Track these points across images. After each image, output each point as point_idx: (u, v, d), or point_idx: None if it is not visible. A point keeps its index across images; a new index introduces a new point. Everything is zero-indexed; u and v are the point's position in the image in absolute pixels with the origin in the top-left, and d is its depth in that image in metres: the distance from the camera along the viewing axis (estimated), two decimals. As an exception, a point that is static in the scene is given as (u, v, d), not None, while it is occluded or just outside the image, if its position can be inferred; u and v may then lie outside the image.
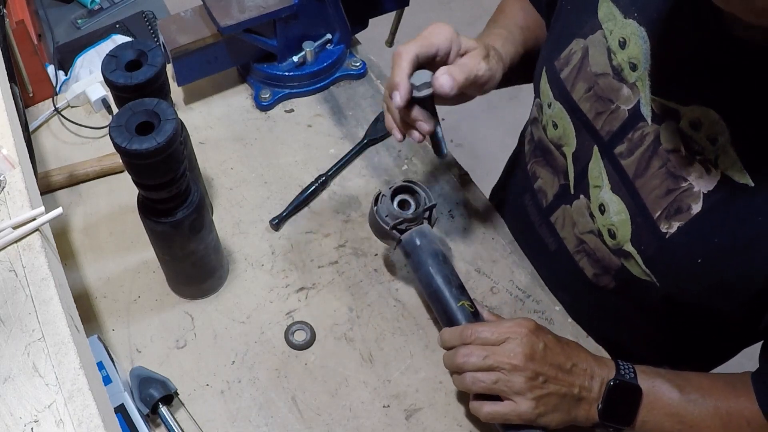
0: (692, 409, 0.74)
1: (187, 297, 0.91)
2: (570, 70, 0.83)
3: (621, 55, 0.76)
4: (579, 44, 0.81)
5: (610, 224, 0.80)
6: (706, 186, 0.69)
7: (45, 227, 0.68)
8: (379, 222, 0.85)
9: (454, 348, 0.78)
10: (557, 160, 0.89)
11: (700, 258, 0.71)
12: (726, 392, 0.74)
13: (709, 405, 0.73)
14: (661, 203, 0.73)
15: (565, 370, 0.74)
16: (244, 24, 1.01)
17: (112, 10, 1.41)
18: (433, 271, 0.82)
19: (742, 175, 0.66)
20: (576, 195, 0.86)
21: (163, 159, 0.69)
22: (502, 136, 1.76)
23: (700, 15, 0.67)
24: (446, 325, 0.82)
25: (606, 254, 0.83)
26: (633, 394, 0.74)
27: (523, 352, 0.73)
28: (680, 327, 0.86)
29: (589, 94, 0.80)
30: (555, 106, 0.85)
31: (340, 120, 1.10)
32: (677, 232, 0.72)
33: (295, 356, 0.87)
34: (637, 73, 0.74)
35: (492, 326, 0.76)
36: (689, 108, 0.70)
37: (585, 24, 0.80)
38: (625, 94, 0.76)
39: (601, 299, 0.88)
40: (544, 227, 0.94)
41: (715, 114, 0.67)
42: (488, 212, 1.01)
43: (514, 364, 0.73)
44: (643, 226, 0.76)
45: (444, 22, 0.80)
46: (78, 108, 1.11)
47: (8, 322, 0.61)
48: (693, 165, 0.70)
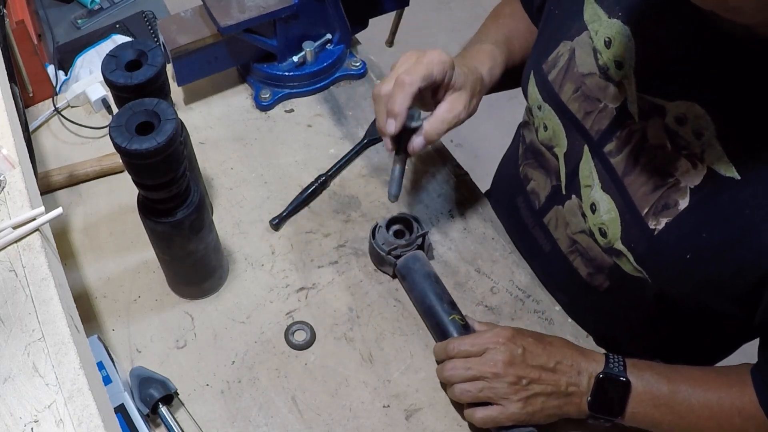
0: (682, 400, 0.75)
1: (187, 297, 0.91)
2: (557, 72, 0.84)
3: (607, 54, 0.77)
4: (566, 46, 0.82)
5: (600, 223, 0.81)
6: (693, 181, 0.70)
7: (45, 227, 0.68)
8: (376, 249, 0.91)
9: (443, 362, 0.82)
10: (549, 162, 0.89)
11: (689, 254, 0.71)
12: (717, 383, 0.75)
13: (699, 396, 0.74)
14: (649, 200, 0.74)
15: (549, 369, 0.77)
16: (244, 24, 1.01)
17: (112, 10, 1.41)
18: (427, 290, 0.88)
19: (728, 169, 0.67)
20: (568, 195, 0.86)
21: (163, 159, 0.69)
22: (502, 136, 1.75)
23: (682, 10, 0.67)
24: (439, 339, 0.86)
25: (598, 253, 0.84)
26: (621, 387, 0.76)
27: (502, 360, 0.77)
28: (676, 326, 0.86)
29: (577, 94, 0.81)
30: (544, 108, 0.86)
31: (340, 120, 1.10)
32: (665, 228, 0.73)
33: (295, 356, 0.87)
34: (622, 71, 0.75)
35: (472, 338, 0.81)
36: (674, 104, 0.70)
37: (571, 26, 0.82)
38: (612, 92, 0.77)
39: (597, 299, 0.88)
40: (538, 229, 0.94)
41: (699, 108, 0.68)
42: (488, 212, 1.01)
43: (495, 372, 0.77)
44: (632, 224, 0.77)
45: (444, 51, 0.79)
46: (78, 108, 1.11)
47: (8, 322, 0.61)
48: (679, 160, 0.71)
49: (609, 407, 0.76)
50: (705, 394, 0.74)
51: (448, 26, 2.76)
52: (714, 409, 0.74)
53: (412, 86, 0.76)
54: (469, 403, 0.80)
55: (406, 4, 1.20)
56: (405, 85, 0.76)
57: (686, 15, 0.67)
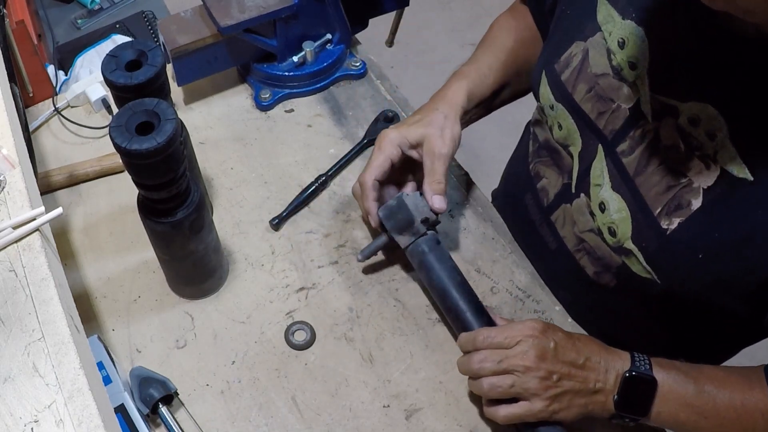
0: (707, 400, 0.74)
1: (187, 297, 0.91)
2: (570, 72, 0.84)
3: (620, 55, 0.77)
4: (579, 47, 0.82)
5: (610, 222, 0.81)
6: (706, 181, 0.70)
7: (45, 227, 0.68)
8: (409, 210, 0.86)
9: (469, 353, 0.78)
10: (564, 160, 0.90)
11: (701, 253, 0.71)
12: (740, 384, 0.74)
13: (724, 397, 0.73)
14: (662, 200, 0.74)
15: (578, 366, 0.75)
16: (244, 24, 1.01)
17: (112, 10, 1.41)
18: (451, 275, 0.85)
19: (741, 170, 0.67)
20: (577, 194, 0.87)
21: (163, 159, 0.69)
22: (502, 136, 1.76)
23: (695, 12, 0.67)
24: (460, 328, 0.83)
25: (606, 252, 0.83)
26: (648, 386, 0.74)
27: (534, 353, 0.74)
28: (681, 325, 0.86)
29: (590, 94, 0.81)
30: (557, 108, 0.86)
31: (340, 120, 1.10)
32: (678, 228, 0.73)
33: (295, 356, 0.87)
34: (636, 72, 0.75)
35: (503, 330, 0.77)
36: (687, 104, 0.70)
37: (584, 27, 0.82)
38: (626, 93, 0.77)
39: (602, 298, 0.88)
40: (545, 226, 0.95)
41: (713, 109, 0.68)
42: (488, 212, 1.01)
43: (527, 366, 0.74)
44: (643, 223, 0.76)
45: (394, 129, 0.89)
46: (78, 108, 1.11)
47: (8, 322, 0.61)
48: (692, 161, 0.71)
49: (635, 406, 0.75)
50: (730, 395, 0.73)
51: (448, 26, 2.76)
52: (738, 410, 0.73)
53: (369, 182, 0.87)
54: (490, 401, 0.78)
55: (406, 4, 1.20)
56: (365, 185, 0.87)
57: (697, 16, 0.68)
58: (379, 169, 0.87)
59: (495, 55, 0.99)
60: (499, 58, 0.98)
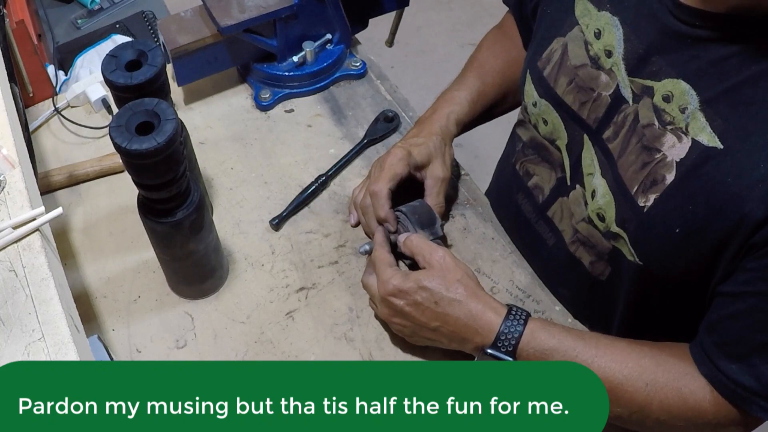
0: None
1: (187, 297, 0.91)
2: (552, 67, 0.87)
3: (597, 45, 0.80)
4: (559, 42, 0.86)
5: (598, 208, 0.83)
6: (678, 154, 0.72)
7: (45, 227, 0.68)
8: (433, 211, 0.90)
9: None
10: (553, 155, 0.92)
11: (677, 227, 0.73)
12: (628, 350, 0.76)
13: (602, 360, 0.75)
14: (638, 177, 0.76)
15: (431, 328, 0.80)
16: (244, 24, 1.02)
17: (112, 10, 1.41)
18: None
19: (711, 139, 0.69)
20: (572, 186, 0.89)
21: (163, 159, 0.69)
22: (502, 136, 1.75)
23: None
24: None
25: (599, 239, 0.85)
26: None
27: (392, 304, 0.80)
28: (676, 317, 0.86)
29: (571, 86, 0.84)
30: (540, 104, 0.89)
31: (340, 120, 1.10)
32: (653, 204, 0.74)
33: (294, 356, 0.87)
34: (612, 59, 0.78)
35: (395, 273, 0.82)
36: (662, 82, 0.73)
37: (564, 23, 0.85)
38: (604, 80, 0.80)
39: (599, 290, 0.89)
40: (542, 223, 0.96)
41: (684, 84, 0.71)
42: (488, 212, 1.01)
43: (383, 303, 0.82)
44: (624, 204, 0.78)
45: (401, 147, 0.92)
46: (78, 108, 1.11)
47: (8, 322, 0.61)
48: (665, 135, 0.73)
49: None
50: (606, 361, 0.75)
51: (448, 26, 2.77)
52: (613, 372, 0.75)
53: (384, 191, 0.89)
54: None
55: (406, 4, 1.20)
56: (379, 194, 0.89)
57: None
58: (392, 181, 0.90)
59: (482, 79, 1.03)
60: (487, 82, 1.03)
